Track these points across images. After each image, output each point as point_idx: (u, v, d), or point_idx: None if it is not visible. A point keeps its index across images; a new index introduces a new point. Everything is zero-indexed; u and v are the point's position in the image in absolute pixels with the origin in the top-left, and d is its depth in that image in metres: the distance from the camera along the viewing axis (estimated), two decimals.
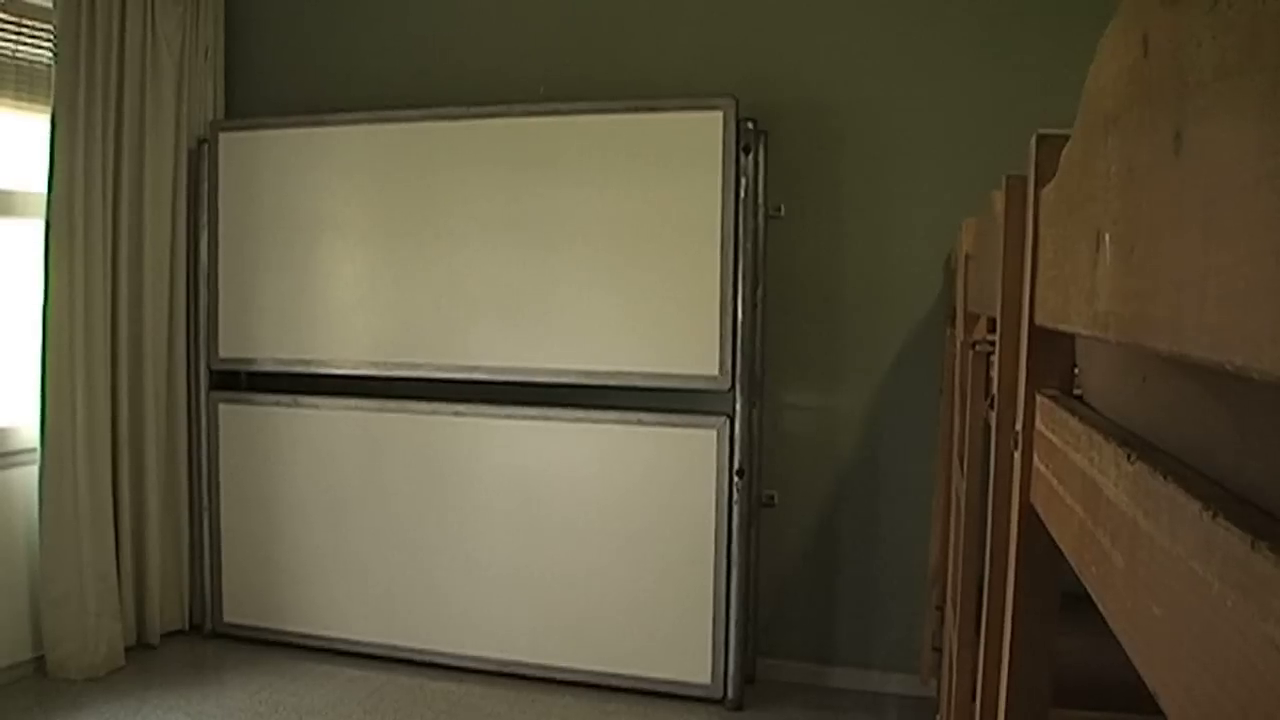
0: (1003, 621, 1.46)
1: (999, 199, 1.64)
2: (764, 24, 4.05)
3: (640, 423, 3.89)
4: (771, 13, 4.04)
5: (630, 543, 3.91)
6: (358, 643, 4.29)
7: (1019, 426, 1.37)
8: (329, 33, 4.61)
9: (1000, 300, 1.56)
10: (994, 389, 1.71)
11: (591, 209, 3.91)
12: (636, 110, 3.89)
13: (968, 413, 2.45)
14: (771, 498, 4.04)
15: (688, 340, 3.80)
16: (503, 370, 4.03)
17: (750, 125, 3.78)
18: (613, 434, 3.92)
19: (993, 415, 1.71)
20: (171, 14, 4.32)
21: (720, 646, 3.81)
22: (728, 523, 3.78)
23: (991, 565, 1.62)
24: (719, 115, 3.75)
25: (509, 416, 4.05)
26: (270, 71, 4.71)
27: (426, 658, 4.20)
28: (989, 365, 2.12)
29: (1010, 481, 1.45)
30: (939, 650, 3.38)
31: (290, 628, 4.40)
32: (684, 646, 3.85)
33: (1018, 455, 1.38)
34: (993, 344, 2.11)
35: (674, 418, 3.87)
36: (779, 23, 4.03)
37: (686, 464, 3.83)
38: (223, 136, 4.42)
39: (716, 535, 3.79)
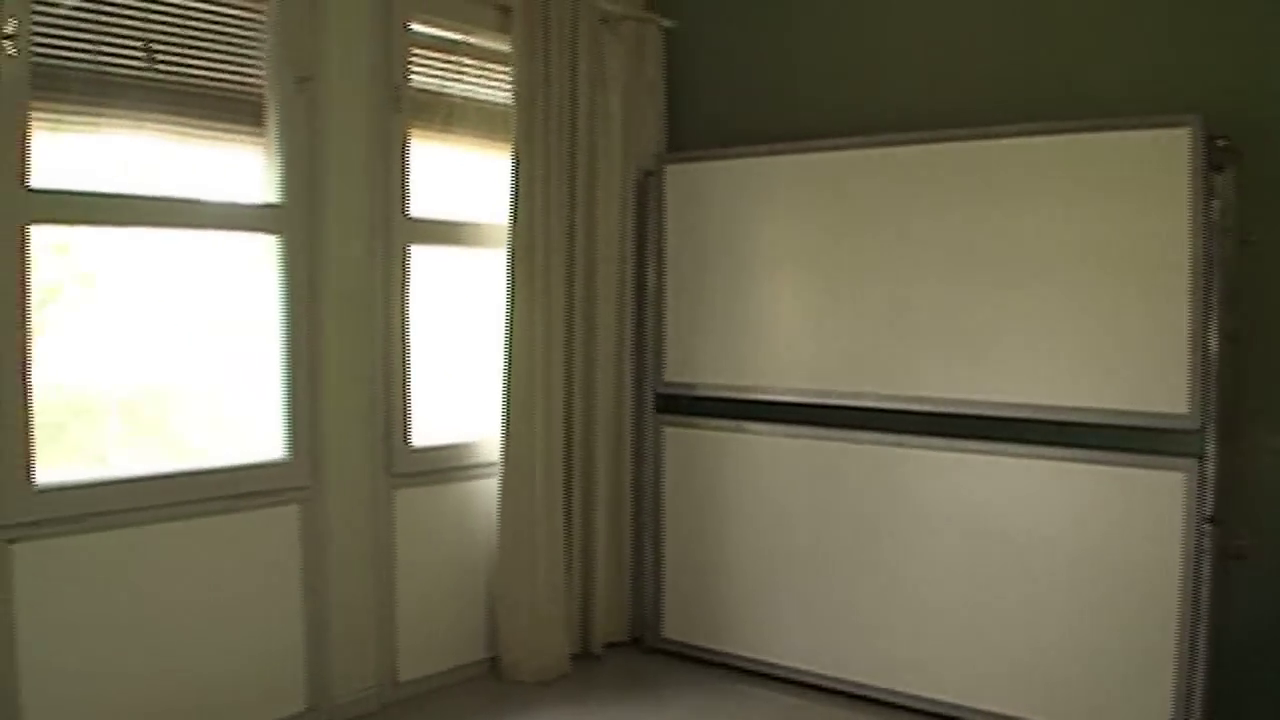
0: None
1: None
2: (1234, 31, 3.66)
3: (1094, 460, 3.61)
4: (1244, 18, 3.65)
5: (1081, 588, 3.63)
6: (794, 669, 4.27)
7: None
8: (766, 64, 4.66)
9: None
10: None
11: (1040, 235, 3.69)
12: (1088, 130, 3.62)
13: None
14: (1243, 549, 3.63)
15: (1150, 375, 3.49)
16: (947, 402, 3.87)
17: (1221, 143, 3.43)
18: (1064, 471, 3.66)
19: None
20: (617, 54, 4.52)
21: (1182, 711, 3.46)
22: (1195, 574, 3.44)
23: None
24: (1184, 133, 3.42)
25: (953, 450, 3.88)
26: (710, 104, 4.82)
27: (862, 691, 4.10)
28: None
29: None
30: None
31: (727, 648, 4.46)
32: (1141, 707, 3.52)
33: None
34: None
35: (1132, 457, 3.55)
36: (1253, 28, 3.63)
37: (1146, 507, 3.51)
38: (668, 169, 4.58)
39: (1182, 587, 3.45)
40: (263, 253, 3.73)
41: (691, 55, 4.86)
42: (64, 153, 3.37)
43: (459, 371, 4.33)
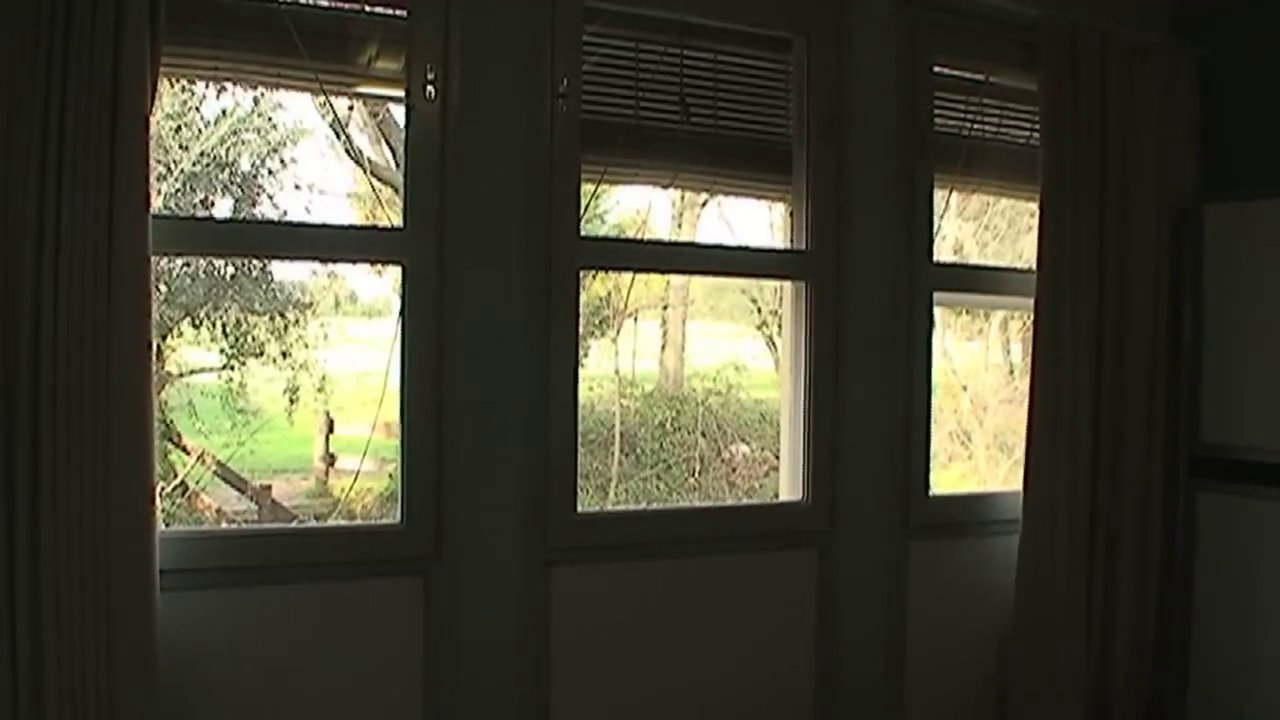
0: None
1: None
2: None
3: None
4: None
5: None
6: None
7: None
8: None
9: None
10: None
11: None
12: None
13: None
14: None
15: None
16: None
17: None
18: None
19: None
20: (1148, 88, 4.18)
21: None
22: None
23: None
24: None
25: None
26: (1251, 138, 4.36)
27: None
28: None
29: None
30: None
31: None
32: None
33: None
34: None
35: None
36: None
37: None
38: (1207, 208, 4.20)
39: None
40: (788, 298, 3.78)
41: (1228, 85, 4.42)
42: (605, 202, 3.59)
43: (977, 421, 4.18)
